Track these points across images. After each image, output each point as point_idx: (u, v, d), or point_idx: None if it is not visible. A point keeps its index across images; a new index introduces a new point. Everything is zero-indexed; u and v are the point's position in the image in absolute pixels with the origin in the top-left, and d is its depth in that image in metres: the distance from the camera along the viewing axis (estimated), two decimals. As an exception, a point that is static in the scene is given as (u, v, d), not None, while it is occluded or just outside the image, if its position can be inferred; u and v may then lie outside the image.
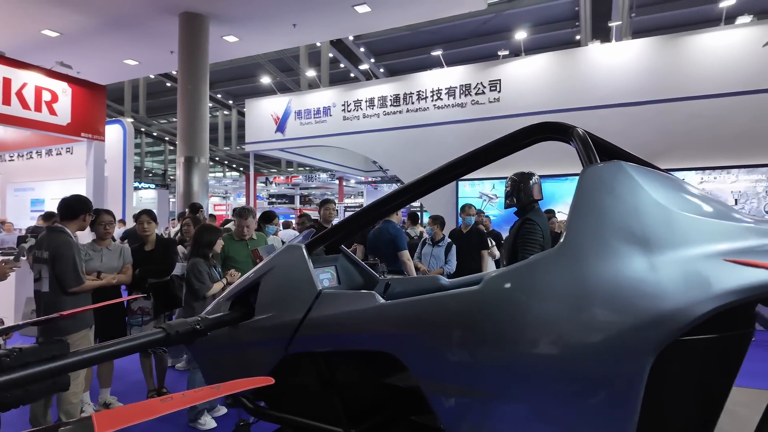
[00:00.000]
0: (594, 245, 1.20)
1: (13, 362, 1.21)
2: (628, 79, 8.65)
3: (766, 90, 7.72)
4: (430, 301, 1.39)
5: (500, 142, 1.68)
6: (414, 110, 10.28)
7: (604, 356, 1.11)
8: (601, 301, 1.13)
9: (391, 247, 5.06)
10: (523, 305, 1.21)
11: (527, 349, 1.19)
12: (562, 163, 8.90)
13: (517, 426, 1.22)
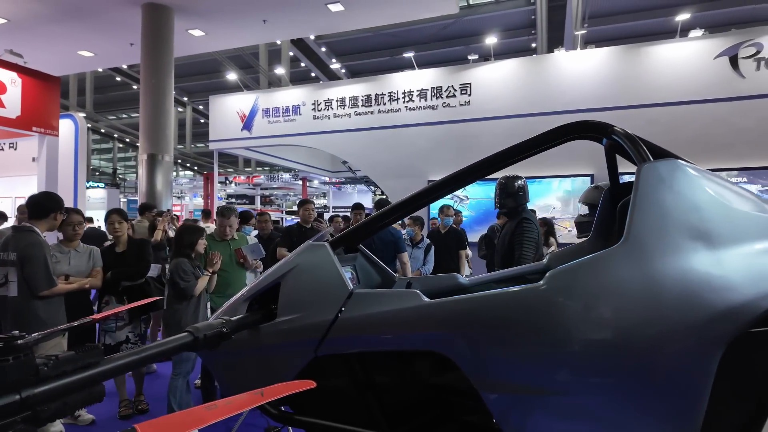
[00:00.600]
0: (659, 241, 1.22)
1: (51, 371, 1.09)
2: (591, 86, 9.04)
3: (716, 99, 8.28)
4: (486, 298, 1.37)
5: (538, 139, 1.69)
6: (386, 111, 10.29)
7: (675, 351, 1.13)
8: (671, 296, 1.16)
9: (391, 248, 5.00)
10: (590, 301, 1.22)
11: (594, 344, 1.20)
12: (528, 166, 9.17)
13: (581, 423, 1.22)
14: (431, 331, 1.45)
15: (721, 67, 8.31)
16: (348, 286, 1.70)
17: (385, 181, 10.38)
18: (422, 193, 1.85)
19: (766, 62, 8.05)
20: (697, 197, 1.28)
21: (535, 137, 1.72)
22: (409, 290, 1.54)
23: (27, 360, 1.02)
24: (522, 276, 2.17)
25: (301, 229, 5.42)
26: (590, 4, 13.42)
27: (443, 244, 6.20)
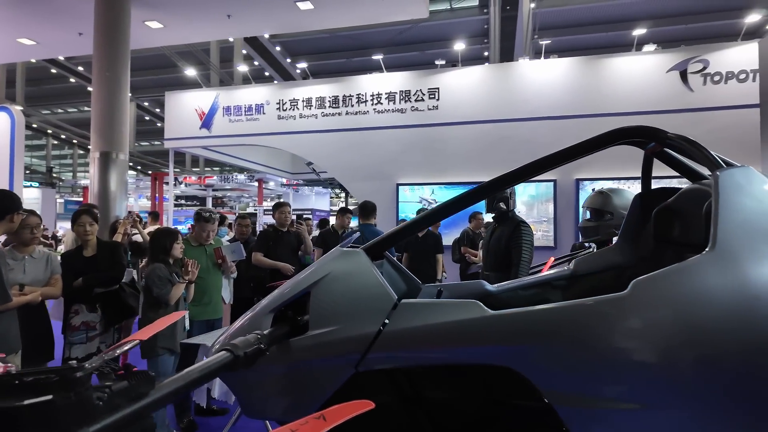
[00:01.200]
0: (747, 248, 1.22)
1: (106, 407, 0.92)
2: (554, 95, 9.36)
3: (669, 111, 8.81)
4: (563, 309, 1.32)
5: (591, 142, 1.65)
6: (354, 113, 10.17)
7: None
8: (765, 303, 1.14)
9: None
10: (679, 311, 1.19)
11: (683, 355, 1.17)
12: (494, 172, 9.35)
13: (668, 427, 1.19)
14: (499, 344, 1.37)
15: (673, 81, 8.86)
16: (392, 296, 1.59)
17: (353, 184, 10.25)
18: (470, 194, 1.77)
19: (711, 78, 8.66)
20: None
21: (588, 141, 1.69)
22: (468, 300, 1.46)
23: (86, 395, 0.85)
24: (548, 282, 2.14)
25: (278, 232, 5.22)
26: (540, 16, 14.00)
27: (421, 248, 6.18)
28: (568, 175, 9.14)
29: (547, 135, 9.28)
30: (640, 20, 11.41)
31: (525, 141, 9.36)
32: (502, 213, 3.89)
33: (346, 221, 6.17)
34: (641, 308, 1.21)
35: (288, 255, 5.17)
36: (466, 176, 9.52)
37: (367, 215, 5.34)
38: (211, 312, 4.23)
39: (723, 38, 13.59)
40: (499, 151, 9.43)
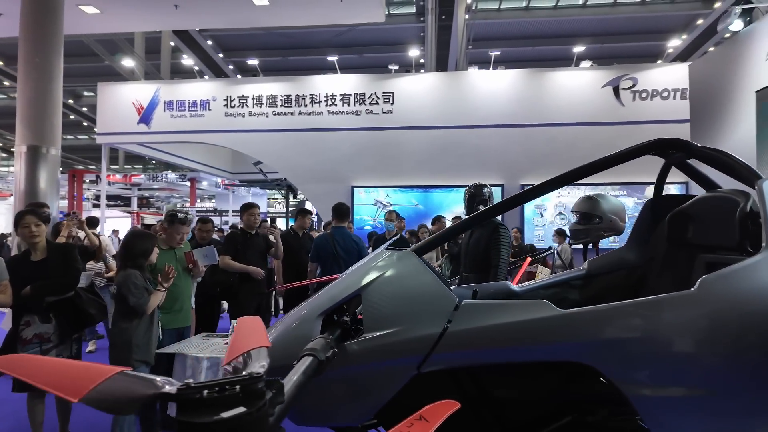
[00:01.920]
0: None
1: (276, 418, 0.88)
2: (502, 104, 9.84)
3: (603, 123, 9.59)
4: (636, 306, 1.41)
5: (629, 152, 1.78)
6: (307, 113, 10.01)
7: None
8: None
9: (355, 256, 4.83)
10: (746, 305, 1.33)
11: (752, 343, 1.31)
12: (442, 176, 9.66)
13: (732, 420, 1.33)
14: (572, 340, 1.44)
15: (606, 96, 9.66)
16: (453, 297, 1.62)
17: (306, 185, 10.08)
18: (521, 196, 1.84)
19: (639, 94, 9.54)
20: None
21: (629, 149, 1.81)
22: (538, 300, 1.52)
23: (265, 407, 0.81)
24: (566, 282, 2.27)
25: (246, 235, 5.01)
26: (475, 27, 14.66)
27: None
28: (515, 180, 9.64)
29: (494, 142, 9.74)
30: (579, 37, 12.39)
31: (475, 147, 9.75)
32: None
33: (306, 222, 6.06)
34: (711, 303, 1.34)
35: (257, 259, 4.99)
36: (420, 179, 9.73)
37: (341, 218, 5.26)
38: (182, 320, 3.98)
39: (650, 58, 15.03)
40: (450, 156, 9.73)
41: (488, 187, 4.08)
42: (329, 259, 4.92)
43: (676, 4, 12.98)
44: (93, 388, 0.76)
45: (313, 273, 5.21)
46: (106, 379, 0.79)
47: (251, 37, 18.52)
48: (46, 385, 0.80)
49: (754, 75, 4.89)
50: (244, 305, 4.82)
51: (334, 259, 4.86)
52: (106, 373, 0.80)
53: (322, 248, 5.04)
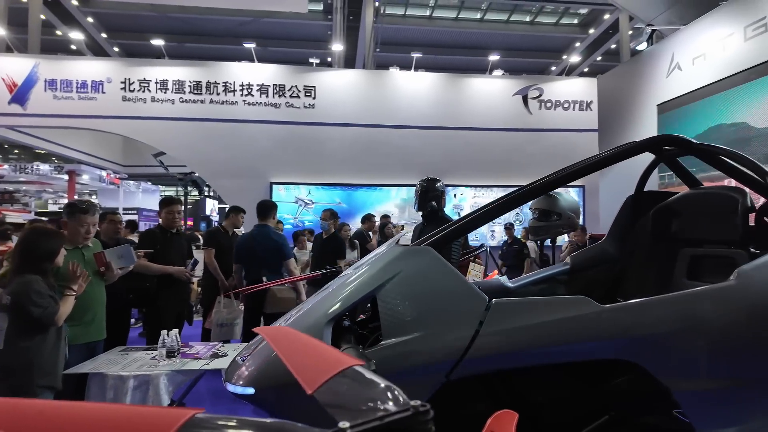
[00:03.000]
0: None
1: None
2: (423, 106, 10.01)
3: (514, 129, 10.21)
4: (676, 299, 1.39)
5: (625, 149, 1.77)
6: (220, 102, 9.26)
7: None
8: None
9: (275, 255, 4.47)
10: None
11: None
12: (370, 174, 9.60)
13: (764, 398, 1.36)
14: (616, 337, 1.38)
15: (517, 104, 10.31)
16: (483, 296, 1.48)
17: (219, 181, 9.32)
18: (524, 194, 1.74)
19: (545, 104, 10.33)
20: None
21: (623, 148, 1.80)
22: (578, 297, 1.43)
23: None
24: (553, 278, 2.26)
25: (166, 234, 4.42)
26: (382, 31, 14.90)
27: (323, 250, 5.91)
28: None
29: (415, 143, 9.87)
30: (492, 48, 13.16)
31: (398, 147, 9.80)
32: (432, 212, 3.95)
33: (239, 220, 5.58)
34: (750, 293, 1.36)
35: (179, 261, 4.43)
36: (344, 177, 9.52)
37: (263, 215, 4.85)
38: (94, 333, 3.35)
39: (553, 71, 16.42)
40: (374, 155, 9.67)
41: (441, 182, 4.03)
42: (250, 259, 4.57)
43: (559, 26, 14.33)
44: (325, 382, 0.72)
45: (238, 274, 4.78)
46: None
47: (143, 18, 16.67)
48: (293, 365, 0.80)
49: (656, 90, 5.48)
50: (163, 313, 4.23)
51: (255, 260, 4.51)
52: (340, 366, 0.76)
53: (242, 248, 4.67)
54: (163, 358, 2.99)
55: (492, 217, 1.75)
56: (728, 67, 4.57)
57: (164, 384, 2.83)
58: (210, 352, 3.24)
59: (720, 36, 4.70)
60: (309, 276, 3.88)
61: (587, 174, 1.84)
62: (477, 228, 1.78)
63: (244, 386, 1.43)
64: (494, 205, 1.76)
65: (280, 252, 4.48)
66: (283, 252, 4.50)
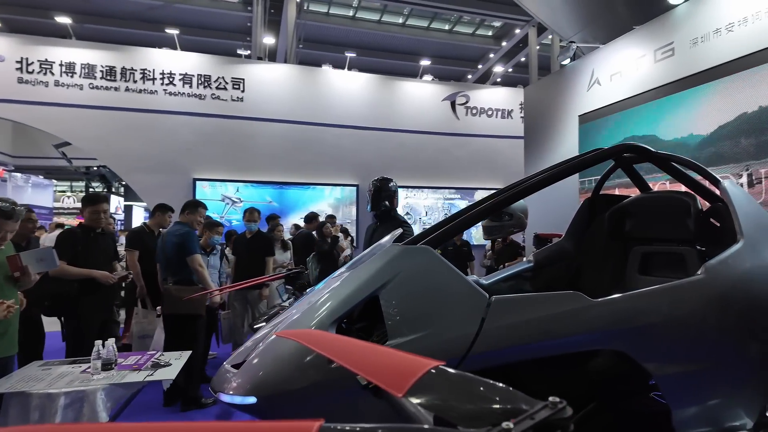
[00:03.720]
0: (762, 238, 1.67)
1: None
2: (356, 106, 10.01)
3: (443, 133, 10.57)
4: (655, 293, 1.52)
5: (593, 156, 1.89)
6: (137, 91, 8.51)
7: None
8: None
9: (176, 251, 4.19)
10: (745, 285, 1.55)
11: (753, 316, 1.54)
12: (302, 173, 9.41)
13: (728, 383, 1.54)
14: (608, 328, 1.48)
15: (445, 109, 10.69)
16: (484, 293, 1.52)
17: (134, 176, 8.55)
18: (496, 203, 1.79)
19: (471, 110, 10.82)
20: (757, 205, 1.81)
21: (597, 152, 1.93)
22: (569, 292, 1.51)
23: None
24: (519, 275, 2.37)
25: (89, 234, 3.97)
26: (306, 28, 14.70)
27: (249, 250, 5.65)
28: (368, 182, 9.89)
29: (349, 142, 9.84)
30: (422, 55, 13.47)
31: (331, 146, 9.69)
32: (385, 212, 3.95)
33: (166, 219, 5.16)
34: (717, 285, 1.53)
35: (104, 264, 4.00)
36: (274, 175, 9.20)
37: (181, 211, 4.57)
38: (7, 347, 2.90)
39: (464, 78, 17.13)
40: (306, 153, 9.47)
41: (394, 181, 4.04)
42: (159, 258, 4.38)
43: (475, 37, 15.14)
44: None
45: (160, 276, 4.48)
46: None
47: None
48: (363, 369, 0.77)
49: (578, 102, 5.98)
50: (87, 322, 3.79)
51: (162, 260, 4.31)
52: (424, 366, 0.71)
53: (158, 247, 4.43)
54: (97, 372, 2.67)
55: (480, 218, 1.79)
56: (641, 84, 5.10)
57: (101, 400, 2.53)
58: (150, 362, 2.96)
59: (634, 56, 5.24)
60: (274, 277, 3.69)
61: (560, 180, 1.94)
62: (468, 228, 1.81)
63: (244, 395, 1.33)
64: (483, 206, 1.81)
65: (182, 247, 4.19)
66: (185, 246, 4.21)
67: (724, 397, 1.55)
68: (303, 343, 0.97)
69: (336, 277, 1.72)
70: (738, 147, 4.07)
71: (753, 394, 1.59)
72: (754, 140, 3.93)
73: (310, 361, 1.33)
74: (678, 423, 1.49)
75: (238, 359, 1.48)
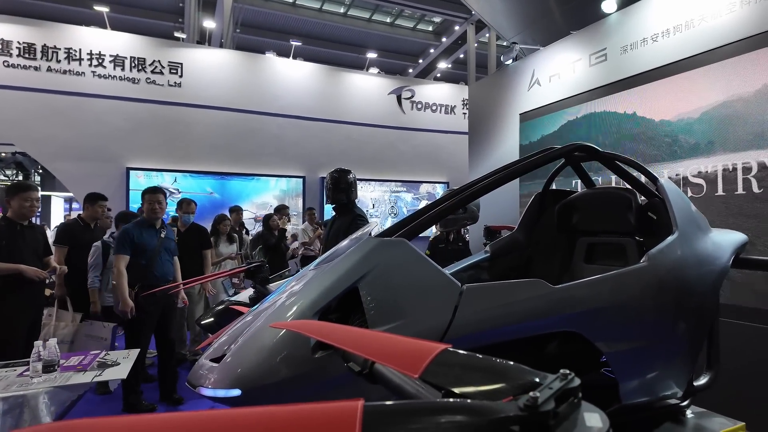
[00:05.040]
0: (691, 230, 1.88)
1: None
2: (301, 96, 9.85)
3: (389, 126, 10.68)
4: (606, 279, 1.68)
5: (545, 156, 2.01)
6: (61, 71, 7.83)
7: (712, 292, 1.83)
8: (706, 261, 1.84)
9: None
10: (679, 271, 1.75)
11: (685, 298, 1.74)
12: (244, 164, 9.16)
13: (665, 356, 1.74)
14: (566, 312, 1.62)
15: (392, 103, 10.79)
16: (457, 283, 1.61)
17: (59, 164, 7.88)
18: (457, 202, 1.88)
19: (416, 105, 11.01)
20: (688, 201, 2.04)
21: (550, 151, 2.06)
22: (533, 280, 1.63)
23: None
24: (477, 264, 2.50)
25: (15, 227, 3.66)
26: (245, 12, 14.24)
27: (184, 244, 5.38)
28: (315, 173, 9.81)
29: (294, 133, 9.68)
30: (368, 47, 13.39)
31: (275, 136, 9.48)
32: (343, 205, 3.96)
33: (98, 211, 4.84)
34: (657, 271, 1.71)
35: (32, 258, 3.71)
36: (215, 165, 8.86)
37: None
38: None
39: (405, 72, 17.34)
40: (249, 143, 9.20)
41: (353, 173, 4.05)
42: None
43: (416, 31, 15.41)
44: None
45: None
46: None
47: None
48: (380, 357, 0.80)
49: (519, 101, 6.29)
50: (12, 321, 3.51)
51: None
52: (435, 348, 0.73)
53: None
54: (38, 374, 2.49)
55: (450, 212, 1.88)
56: (577, 86, 5.47)
57: (44, 404, 2.37)
58: (95, 362, 2.80)
59: (571, 60, 5.59)
60: (234, 271, 3.56)
61: (520, 176, 2.07)
62: (438, 222, 1.88)
63: (228, 388, 1.31)
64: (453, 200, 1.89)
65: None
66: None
67: (660, 369, 1.75)
68: (302, 332, 0.99)
69: (311, 270, 1.74)
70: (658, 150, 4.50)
71: (683, 366, 1.81)
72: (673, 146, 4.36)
73: (294, 352, 1.35)
74: (624, 394, 1.66)
75: (216, 353, 1.46)
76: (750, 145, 3.50)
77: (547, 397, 0.62)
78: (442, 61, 15.79)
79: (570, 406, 0.65)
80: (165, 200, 4.12)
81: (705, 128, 3.93)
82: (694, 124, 4.05)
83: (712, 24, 4.07)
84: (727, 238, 2.07)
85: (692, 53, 4.11)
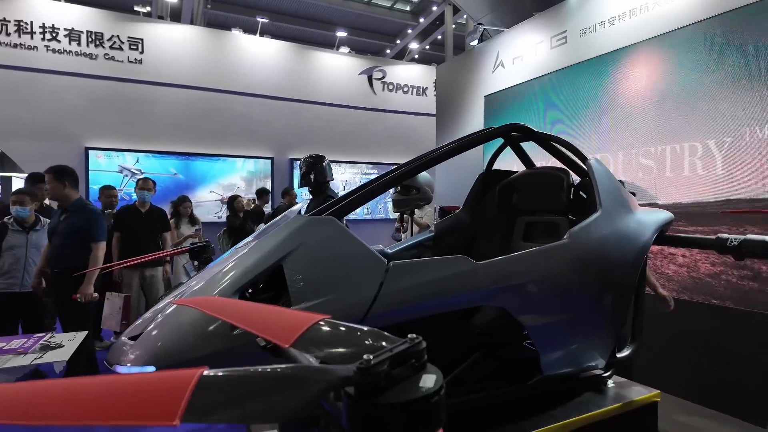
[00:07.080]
0: (614, 208, 1.95)
1: None
2: (269, 74, 9.64)
3: (359, 107, 10.58)
4: (530, 255, 1.72)
5: (480, 136, 2.05)
6: (11, 45, 7.45)
7: (633, 268, 1.90)
8: (627, 238, 1.91)
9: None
10: (600, 248, 1.81)
11: (606, 273, 1.81)
12: (210, 144, 8.98)
13: (584, 329, 1.81)
14: (489, 287, 1.66)
15: (362, 83, 10.67)
16: (383, 259, 1.63)
17: (10, 143, 7.55)
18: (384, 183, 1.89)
19: (388, 86, 10.92)
20: (615, 180, 2.10)
21: (482, 132, 2.09)
22: (457, 256, 1.67)
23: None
24: (421, 243, 2.53)
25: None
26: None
27: (143, 226, 5.26)
28: (284, 154, 9.69)
29: (261, 113, 9.50)
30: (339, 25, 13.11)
31: (241, 115, 9.29)
32: (316, 186, 3.96)
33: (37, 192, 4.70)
34: (577, 248, 1.77)
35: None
36: (179, 146, 8.65)
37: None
38: None
39: (382, 52, 17.13)
40: (214, 122, 9.00)
41: (326, 158, 4.08)
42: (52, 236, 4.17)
43: (394, 11, 15.18)
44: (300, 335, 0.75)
45: None
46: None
47: None
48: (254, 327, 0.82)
49: (484, 83, 6.31)
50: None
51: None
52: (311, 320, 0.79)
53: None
54: (-28, 358, 2.44)
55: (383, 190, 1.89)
56: (539, 69, 5.51)
57: (-21, 387, 2.32)
58: (38, 344, 2.75)
59: (533, 42, 5.62)
60: (177, 251, 3.50)
61: (456, 155, 2.08)
62: (373, 198, 1.89)
63: (143, 365, 1.31)
64: (387, 178, 1.90)
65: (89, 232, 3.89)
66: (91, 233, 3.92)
67: (583, 341, 1.83)
68: (202, 309, 1.00)
69: (241, 247, 1.74)
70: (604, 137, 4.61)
71: (605, 338, 1.90)
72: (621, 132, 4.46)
73: (212, 329, 1.35)
74: (545, 366, 1.74)
75: (136, 331, 1.45)
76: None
77: (380, 360, 0.65)
78: (419, 41, 15.62)
79: (408, 369, 0.68)
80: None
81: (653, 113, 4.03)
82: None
83: (665, 8, 4.14)
84: (651, 216, 2.15)
85: (645, 37, 4.19)
